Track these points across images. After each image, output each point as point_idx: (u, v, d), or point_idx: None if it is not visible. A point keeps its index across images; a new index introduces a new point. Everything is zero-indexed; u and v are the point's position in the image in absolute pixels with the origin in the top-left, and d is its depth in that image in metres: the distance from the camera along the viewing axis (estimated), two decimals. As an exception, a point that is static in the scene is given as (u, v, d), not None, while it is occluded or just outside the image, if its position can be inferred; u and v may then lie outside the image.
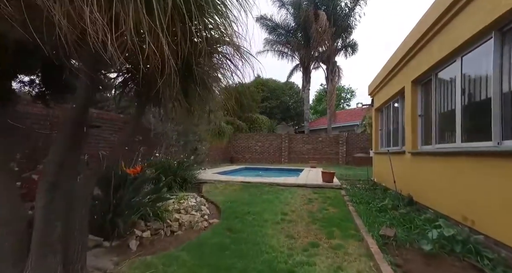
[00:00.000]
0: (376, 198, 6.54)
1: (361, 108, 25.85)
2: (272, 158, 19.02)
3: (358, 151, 17.61)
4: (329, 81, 19.84)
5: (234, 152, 19.42)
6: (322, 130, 27.97)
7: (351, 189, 8.08)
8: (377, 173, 8.54)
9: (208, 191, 7.58)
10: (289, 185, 8.18)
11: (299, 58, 21.22)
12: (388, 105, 7.64)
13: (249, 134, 19.88)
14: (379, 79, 7.94)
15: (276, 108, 33.04)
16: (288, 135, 19.29)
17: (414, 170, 5.15)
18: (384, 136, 8.10)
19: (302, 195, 7.24)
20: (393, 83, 6.74)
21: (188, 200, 5.68)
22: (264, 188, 7.96)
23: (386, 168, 7.44)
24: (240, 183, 8.42)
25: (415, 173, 5.13)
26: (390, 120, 7.44)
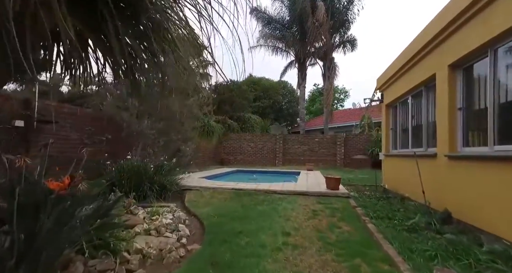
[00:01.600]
0: (395, 210, 5.40)
1: (359, 108, 24.89)
2: (265, 160, 17.82)
3: (357, 152, 16.57)
4: (326, 79, 18.78)
5: (224, 154, 18.15)
6: (316, 131, 26.92)
7: (360, 198, 6.93)
8: (389, 178, 7.42)
9: (192, 201, 6.32)
10: (287, 193, 6.99)
11: (294, 54, 20.09)
12: (405, 99, 6.53)
13: (241, 134, 18.65)
14: (392, 71, 6.84)
15: (269, 107, 31.91)
16: (283, 136, 18.13)
17: (454, 178, 4.02)
18: (398, 136, 6.99)
19: (305, 206, 6.06)
20: (414, 72, 5.62)
21: (163, 216, 4.41)
22: (259, 196, 6.74)
23: (403, 173, 6.32)
24: (230, 190, 7.18)
25: (455, 182, 3.99)
26: (408, 117, 6.33)
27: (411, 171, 5.76)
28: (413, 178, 5.60)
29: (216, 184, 7.90)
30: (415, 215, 4.78)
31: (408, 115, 6.26)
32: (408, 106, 6.31)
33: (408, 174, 5.95)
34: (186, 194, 6.87)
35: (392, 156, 7.34)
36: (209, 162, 16.10)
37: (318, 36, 17.28)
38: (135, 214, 4.47)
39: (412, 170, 5.67)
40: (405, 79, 6.23)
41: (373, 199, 6.63)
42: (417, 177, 5.42)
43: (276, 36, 19.75)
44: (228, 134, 18.08)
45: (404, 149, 6.53)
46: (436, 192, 4.49)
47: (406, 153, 6.21)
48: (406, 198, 6.10)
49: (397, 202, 6.12)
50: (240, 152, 18.17)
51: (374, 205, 6.03)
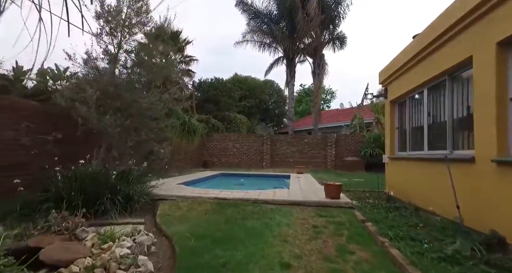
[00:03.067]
0: (412, 226, 4.45)
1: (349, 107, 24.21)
2: (252, 162, 16.73)
3: (348, 154, 15.77)
4: (316, 76, 17.90)
5: (208, 155, 16.92)
6: (304, 132, 26.09)
7: (364, 208, 5.97)
8: (394, 184, 6.51)
9: (165, 215, 5.15)
10: (281, 202, 5.94)
11: (282, 50, 19.09)
12: (417, 93, 5.63)
13: (225, 134, 17.48)
14: (401, 62, 5.93)
15: (255, 107, 30.88)
16: (270, 136, 17.11)
17: (507, 191, 3.07)
18: (408, 136, 6.08)
19: (303, 220, 5.03)
20: (433, 60, 4.71)
21: (119, 241, 3.24)
22: (247, 207, 5.65)
23: (416, 180, 5.40)
24: (213, 200, 6.06)
25: (509, 195, 3.04)
26: (422, 114, 5.42)
27: (430, 177, 4.83)
28: (433, 186, 4.67)
29: (197, 192, 6.74)
30: (444, 235, 3.83)
31: (423, 112, 5.35)
32: (422, 101, 5.40)
33: (424, 180, 5.03)
34: (160, 205, 5.68)
35: (399, 159, 6.43)
36: (191, 164, 14.84)
37: (308, 31, 16.38)
38: (80, 239, 3.27)
39: (431, 176, 4.75)
40: (418, 70, 5.32)
41: (381, 210, 5.67)
42: (438, 184, 4.49)
43: (263, 31, 18.68)
44: (212, 134, 16.87)
45: (417, 151, 5.62)
46: (474, 207, 3.56)
47: (421, 156, 5.29)
48: (421, 209, 5.18)
49: (411, 214, 5.18)
50: (224, 153, 17.00)
51: (385, 218, 5.07)
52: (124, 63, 6.12)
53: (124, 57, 6.11)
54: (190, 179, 9.60)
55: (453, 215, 3.90)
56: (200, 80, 23.24)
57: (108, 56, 5.79)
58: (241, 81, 32.42)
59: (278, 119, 35.85)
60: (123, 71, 6.06)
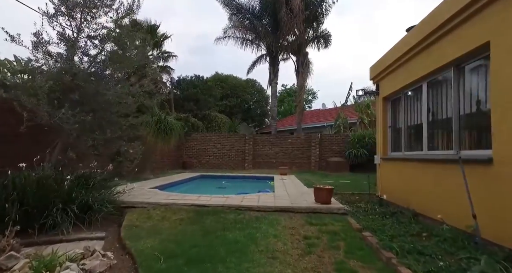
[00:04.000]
0: (415, 235, 3.96)
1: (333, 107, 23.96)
2: (233, 163, 16.01)
3: (332, 154, 15.42)
4: (300, 75, 17.45)
5: (187, 156, 16.03)
6: (286, 132, 25.62)
7: (357, 214, 5.45)
8: (388, 187, 6.06)
9: (133, 227, 4.38)
10: (266, 209, 5.30)
11: (265, 47, 18.49)
12: (415, 88, 5.18)
13: (206, 134, 16.66)
14: (396, 54, 5.47)
15: (236, 107, 30.17)
16: (253, 136, 16.47)
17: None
18: (403, 135, 5.62)
19: (292, 230, 4.42)
20: (436, 50, 4.23)
21: (62, 270, 2.47)
22: (229, 216, 4.98)
23: (414, 182, 4.94)
24: (189, 207, 5.33)
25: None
26: (421, 110, 4.97)
27: (433, 181, 4.36)
28: (439, 190, 4.20)
29: (172, 197, 5.98)
30: (456, 248, 3.34)
31: (421, 108, 4.90)
32: (421, 97, 4.95)
33: (426, 184, 4.56)
34: (127, 215, 4.89)
35: (393, 160, 5.98)
36: (169, 166, 13.94)
37: (291, 28, 15.89)
38: (5, 269, 2.47)
39: (435, 179, 4.27)
40: (416, 63, 4.87)
41: (376, 216, 5.17)
42: (446, 189, 4.02)
43: (246, 26, 17.98)
44: (191, 134, 16.00)
45: (415, 151, 5.17)
46: (493, 216, 3.08)
47: (420, 156, 4.83)
48: (420, 215, 4.71)
49: (410, 220, 4.70)
50: (205, 154, 16.18)
51: (382, 226, 4.55)
52: (86, 50, 5.27)
53: (85, 42, 5.26)
54: (166, 182, 8.78)
55: (464, 224, 3.42)
56: (179, 78, 22.25)
57: (65, 40, 4.92)
58: (223, 80, 31.59)
59: (260, 119, 35.34)
60: (84, 58, 5.20)
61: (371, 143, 14.08)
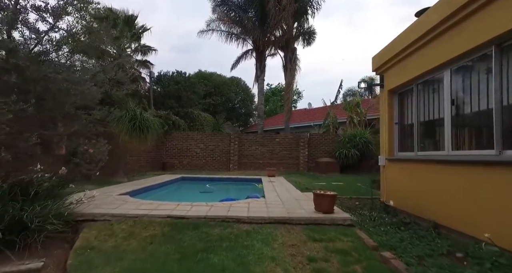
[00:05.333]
0: (443, 254, 3.19)
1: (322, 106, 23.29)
2: (217, 164, 15.01)
3: (322, 155, 14.73)
4: (288, 71, 16.67)
5: (167, 156, 14.88)
6: (272, 131, 24.83)
7: (364, 224, 4.67)
8: (396, 192, 5.32)
9: (87, 250, 3.37)
10: (259, 220, 4.41)
11: (252, 41, 17.57)
12: (434, 77, 4.45)
13: (188, 133, 15.56)
14: (407, 40, 4.73)
15: (220, 105, 29.14)
16: (238, 135, 15.54)
17: None
18: (415, 132, 4.88)
19: (293, 249, 3.56)
20: (466, 29, 3.51)
21: None
22: (213, 230, 4.05)
23: (434, 188, 4.19)
24: (165, 219, 4.35)
25: None
26: (441, 103, 4.24)
27: (461, 186, 3.61)
28: (469, 198, 3.45)
29: (144, 207, 4.97)
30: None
31: (442, 100, 4.17)
32: (441, 87, 4.22)
33: (449, 190, 3.81)
34: (83, 231, 3.86)
35: (402, 161, 5.25)
36: (147, 167, 12.77)
37: (279, 21, 15.07)
38: None
39: (470, 186, 3.52)
40: (436, 46, 4.13)
41: (388, 228, 4.39)
42: (479, 196, 3.27)
43: (231, 18, 16.97)
44: (172, 133, 14.87)
45: (432, 151, 4.44)
46: None
47: (441, 157, 4.09)
48: (442, 227, 3.97)
49: (431, 234, 3.95)
50: (187, 154, 15.08)
51: (400, 241, 3.78)
52: (31, 25, 4.18)
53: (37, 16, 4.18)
54: (141, 186, 7.71)
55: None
56: (159, 73, 20.99)
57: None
58: (206, 78, 30.45)
59: (245, 119, 34.41)
60: (27, 34, 4.11)
61: (362, 143, 13.51)
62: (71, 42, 4.26)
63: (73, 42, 4.31)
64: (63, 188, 4.09)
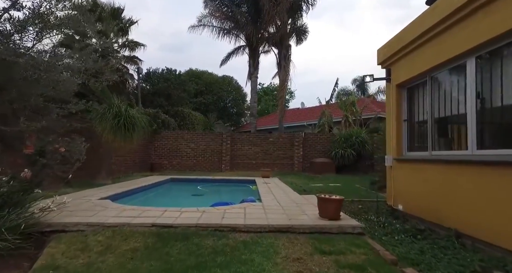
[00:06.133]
0: (476, 271, 2.72)
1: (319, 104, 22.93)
2: (209, 165, 14.41)
3: (316, 155, 14.30)
4: (282, 68, 16.17)
5: (156, 156, 14.19)
6: (264, 131, 24.34)
7: (374, 232, 4.18)
8: (405, 195, 4.87)
9: (50, 270, 2.77)
10: (258, 229, 3.88)
11: (245, 37, 17.00)
12: (450, 68, 4.00)
13: (178, 132, 14.90)
14: (424, 26, 4.27)
15: (212, 104, 28.47)
16: (231, 135, 14.97)
17: None
18: (430, 130, 4.43)
19: (298, 264, 3.05)
20: (496, 10, 3.07)
21: None
22: (205, 241, 3.49)
23: (456, 192, 3.74)
24: (149, 228, 3.78)
25: None
26: (458, 98, 3.80)
27: (493, 192, 3.15)
28: (504, 205, 2.99)
29: (126, 214, 4.37)
30: None
31: (464, 94, 3.72)
32: (461, 79, 3.78)
33: (476, 196, 3.36)
34: (49, 246, 3.25)
35: (412, 161, 4.80)
36: (134, 168, 12.06)
37: (274, 17, 14.56)
38: None
39: (500, 190, 3.06)
40: (458, 32, 3.68)
41: (402, 236, 3.92)
42: None
43: (224, 13, 16.34)
44: (161, 132, 14.19)
45: (452, 151, 3.99)
46: None
47: (464, 157, 3.64)
48: (465, 236, 3.51)
49: (454, 244, 3.49)
50: (177, 154, 14.42)
51: (421, 253, 3.31)
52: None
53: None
54: (125, 189, 7.06)
55: None
56: (149, 70, 20.22)
57: None
58: (197, 76, 29.75)
59: (237, 118, 33.82)
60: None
61: (358, 143, 13.13)
62: (38, 23, 3.63)
63: (41, 23, 3.68)
64: (27, 194, 3.46)
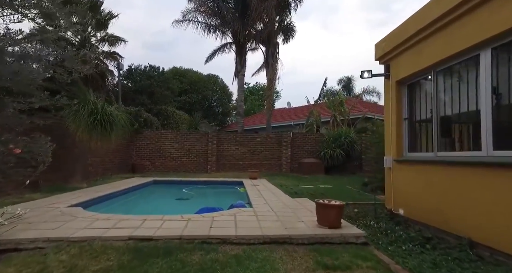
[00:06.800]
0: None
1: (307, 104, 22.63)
2: (194, 166, 13.80)
3: (304, 155, 13.99)
4: (269, 67, 15.77)
5: (138, 157, 13.45)
6: (250, 131, 23.89)
7: (381, 242, 3.81)
8: (407, 199, 4.56)
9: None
10: (251, 240, 3.42)
11: (232, 34, 16.47)
12: (461, 61, 3.69)
13: (161, 131, 14.20)
14: (431, 15, 3.95)
15: (197, 103, 27.72)
16: (217, 134, 14.41)
17: None
18: (435, 129, 4.12)
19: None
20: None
21: None
22: (191, 257, 3.01)
23: (463, 197, 3.42)
24: (126, 243, 3.24)
25: None
26: (469, 93, 3.50)
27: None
28: None
29: (97, 225, 3.81)
30: None
31: (478, 89, 3.41)
32: (474, 72, 3.47)
33: (494, 201, 3.04)
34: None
35: (415, 163, 4.48)
36: (113, 170, 11.32)
37: (261, 13, 14.14)
38: None
39: None
40: (477, 19, 3.35)
41: (410, 246, 3.56)
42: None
43: (210, 7, 15.72)
44: (143, 131, 13.46)
45: (462, 151, 3.68)
46: None
47: (478, 159, 3.33)
48: (484, 247, 3.19)
49: (468, 255, 3.17)
50: (160, 155, 13.72)
51: (435, 267, 2.95)
52: None
53: None
54: (101, 193, 6.43)
55: None
56: (130, 67, 19.33)
57: None
58: (182, 74, 28.90)
59: (222, 118, 33.18)
60: None
61: (347, 143, 12.91)
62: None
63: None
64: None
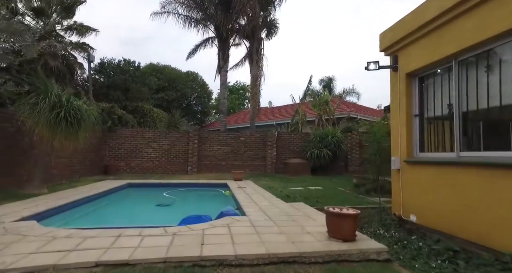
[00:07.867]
0: None
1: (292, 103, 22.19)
2: (173, 167, 12.87)
3: (290, 155, 13.49)
4: (254, 63, 15.11)
5: (111, 158, 12.31)
6: (233, 131, 23.12)
7: (404, 259, 3.27)
8: (420, 204, 4.09)
9: None
10: (254, 260, 2.77)
11: (214, 28, 15.64)
12: (488, 49, 3.25)
13: (137, 129, 13.13)
14: (444, 4, 3.50)
15: (175, 101, 26.54)
16: (198, 133, 13.56)
17: None
18: (456, 127, 3.65)
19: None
20: None
21: None
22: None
23: (497, 204, 2.96)
24: (91, 270, 2.46)
25: None
26: (497, 86, 3.06)
27: None
28: None
29: (53, 247, 2.99)
30: None
31: (506, 80, 2.97)
32: (499, 62, 3.03)
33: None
34: None
35: (432, 164, 4.01)
36: (83, 172, 10.18)
37: (245, 6, 13.47)
38: None
39: None
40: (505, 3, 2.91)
41: (439, 262, 3.05)
42: None
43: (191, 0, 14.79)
44: (117, 129, 12.36)
45: (493, 151, 3.23)
46: None
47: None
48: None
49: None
50: (136, 155, 12.66)
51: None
52: None
53: None
54: (65, 200, 5.47)
55: None
56: (102, 60, 17.95)
57: None
58: (159, 71, 27.57)
59: (202, 117, 32.14)
60: None
61: (334, 143, 12.54)
62: None
63: None
64: None
